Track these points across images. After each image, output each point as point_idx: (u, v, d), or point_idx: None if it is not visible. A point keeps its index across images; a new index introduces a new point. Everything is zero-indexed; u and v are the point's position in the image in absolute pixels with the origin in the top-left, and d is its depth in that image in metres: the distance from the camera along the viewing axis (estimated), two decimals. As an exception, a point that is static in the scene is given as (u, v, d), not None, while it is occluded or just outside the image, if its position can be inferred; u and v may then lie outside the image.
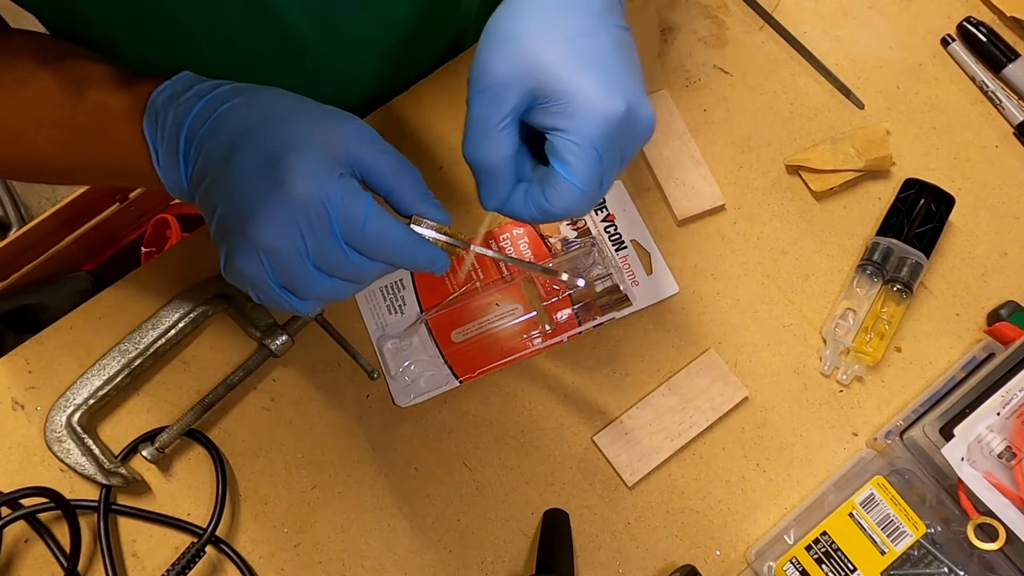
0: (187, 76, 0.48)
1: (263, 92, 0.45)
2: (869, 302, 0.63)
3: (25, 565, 0.57)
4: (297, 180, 0.40)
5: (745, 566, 0.57)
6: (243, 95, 0.45)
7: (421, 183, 0.46)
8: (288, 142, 0.41)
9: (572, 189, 0.44)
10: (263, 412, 0.61)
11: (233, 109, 0.44)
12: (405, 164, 0.45)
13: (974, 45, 0.72)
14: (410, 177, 0.45)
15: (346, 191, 0.41)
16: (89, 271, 1.19)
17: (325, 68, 0.63)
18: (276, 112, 0.43)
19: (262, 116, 0.43)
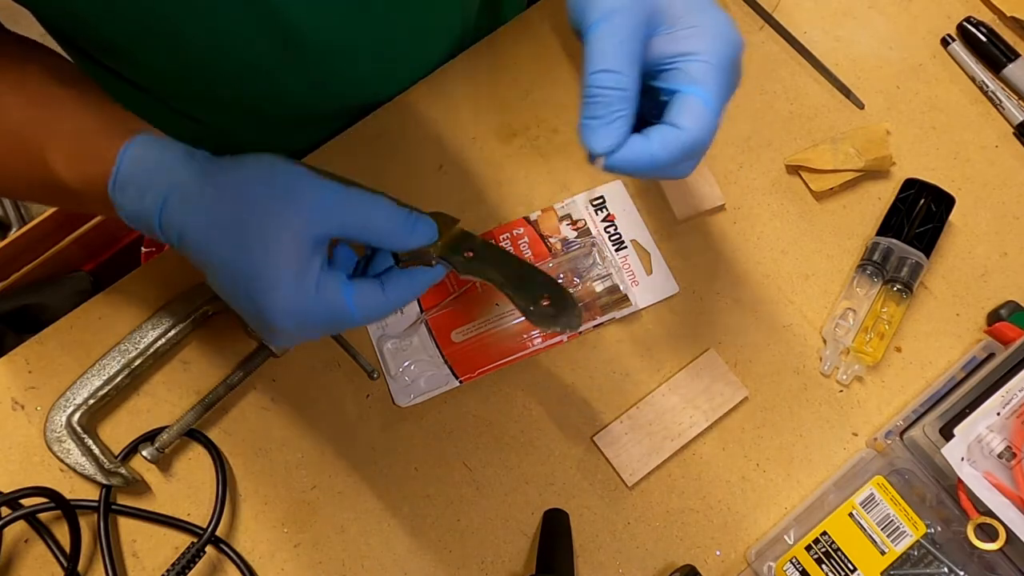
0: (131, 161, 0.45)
1: (213, 205, 0.43)
2: (869, 302, 0.63)
3: (25, 565, 0.57)
4: (278, 319, 0.43)
5: (745, 566, 0.57)
6: (190, 220, 0.43)
7: (392, 217, 0.45)
8: (257, 282, 0.42)
9: (706, 111, 0.44)
10: (263, 412, 0.61)
11: (191, 236, 0.43)
12: (368, 211, 0.44)
13: (974, 45, 0.72)
14: (379, 222, 0.44)
15: (323, 300, 0.43)
16: (89, 271, 1.19)
17: (325, 69, 0.63)
18: (235, 238, 0.43)
19: (223, 243, 0.43)
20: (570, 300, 0.49)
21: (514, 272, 0.49)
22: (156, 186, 0.44)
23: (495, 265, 0.49)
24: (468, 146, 0.68)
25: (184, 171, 0.44)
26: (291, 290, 0.42)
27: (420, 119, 0.69)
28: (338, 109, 0.69)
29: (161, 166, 0.44)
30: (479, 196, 0.67)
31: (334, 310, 0.43)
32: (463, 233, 0.49)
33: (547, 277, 0.50)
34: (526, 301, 0.49)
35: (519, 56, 0.71)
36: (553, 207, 0.66)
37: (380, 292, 0.45)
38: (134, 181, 0.44)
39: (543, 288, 0.49)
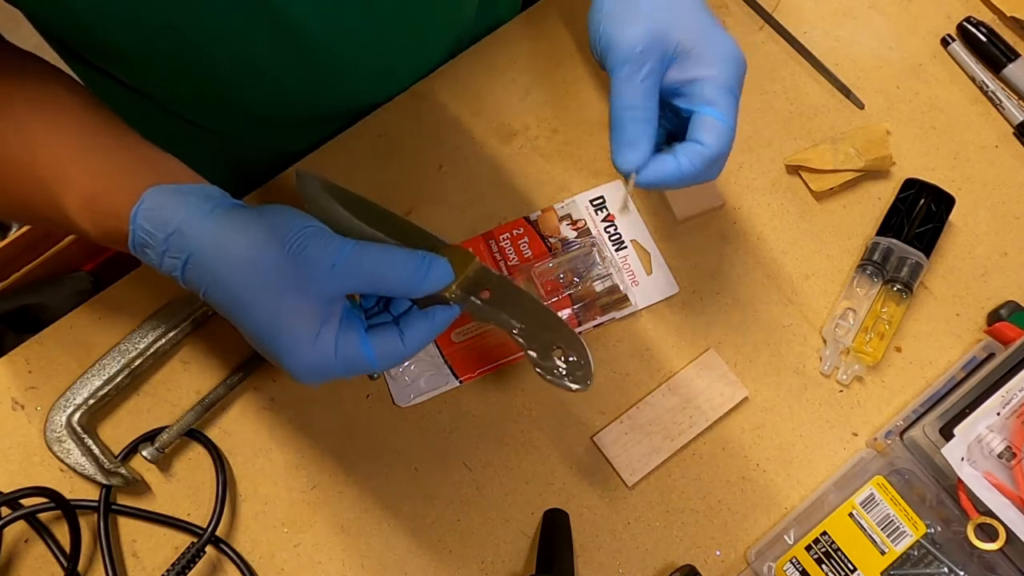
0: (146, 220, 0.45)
1: (229, 270, 0.44)
2: (869, 302, 0.63)
3: (25, 565, 0.57)
4: (300, 376, 0.45)
5: (745, 566, 0.57)
6: (209, 278, 0.44)
7: (406, 269, 0.46)
8: (275, 345, 0.44)
9: (723, 126, 0.51)
10: (263, 412, 0.61)
11: (212, 293, 0.45)
12: (381, 267, 0.45)
13: (974, 45, 0.72)
14: (393, 276, 0.45)
15: (342, 356, 0.44)
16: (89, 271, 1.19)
17: (326, 70, 0.63)
18: (251, 302, 0.44)
19: (240, 306, 0.44)
20: (584, 355, 0.48)
21: (529, 316, 0.48)
22: (173, 250, 0.44)
23: (511, 308, 0.48)
24: (468, 146, 0.68)
25: (195, 237, 0.44)
26: (308, 351, 0.44)
27: (420, 119, 0.69)
28: (337, 111, 0.69)
29: (173, 231, 0.44)
30: (479, 196, 0.67)
31: (355, 364, 0.45)
32: (480, 269, 0.49)
33: (564, 325, 0.49)
34: (538, 353, 0.48)
35: (519, 56, 0.71)
36: (553, 207, 0.66)
37: (399, 341, 0.46)
38: (151, 245, 0.45)
39: (558, 338, 0.48)
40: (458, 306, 0.48)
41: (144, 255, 0.46)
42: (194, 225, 0.44)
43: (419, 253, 0.46)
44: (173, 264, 0.45)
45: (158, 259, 0.45)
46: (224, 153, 0.71)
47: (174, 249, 0.44)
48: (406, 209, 0.66)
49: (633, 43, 0.51)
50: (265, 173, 0.68)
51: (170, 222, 0.44)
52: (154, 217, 0.45)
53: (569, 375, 0.48)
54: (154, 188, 0.46)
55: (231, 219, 0.45)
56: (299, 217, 0.45)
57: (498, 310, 0.48)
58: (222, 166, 0.66)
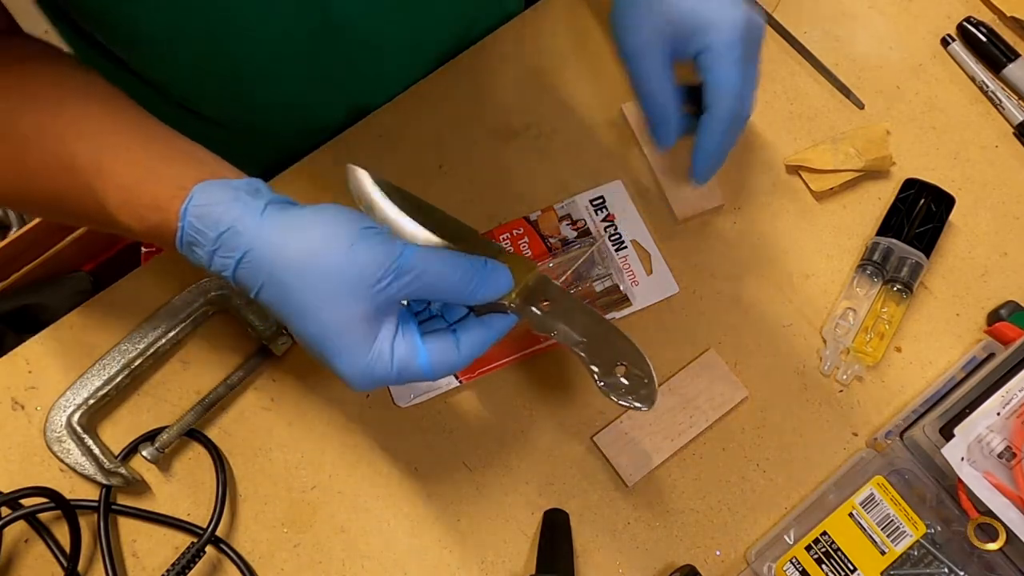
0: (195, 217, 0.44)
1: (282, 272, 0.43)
2: (869, 302, 0.63)
3: (25, 565, 0.57)
4: (352, 382, 0.44)
5: (745, 566, 0.57)
6: (264, 278, 0.43)
7: (464, 275, 0.45)
8: (327, 350, 0.43)
9: (722, 89, 0.53)
10: (263, 412, 0.61)
11: (265, 293, 0.44)
12: (439, 272, 0.44)
13: (974, 45, 0.72)
14: (451, 282, 0.44)
15: (397, 364, 0.44)
16: (89, 271, 1.19)
17: (355, 59, 0.64)
18: (304, 306, 0.43)
19: (293, 309, 0.43)
20: (649, 372, 0.47)
21: (591, 330, 0.47)
22: (225, 249, 0.43)
23: (572, 320, 0.47)
24: (468, 146, 0.68)
25: (251, 234, 0.43)
26: (363, 357, 0.43)
27: (420, 119, 0.69)
28: (354, 107, 0.69)
29: (227, 228, 0.43)
30: (479, 196, 0.67)
31: (408, 372, 0.44)
32: (540, 279, 0.47)
33: (627, 340, 0.48)
34: (600, 368, 0.47)
35: (520, 56, 0.71)
36: (553, 207, 0.66)
37: (455, 349, 0.45)
38: (200, 243, 0.44)
39: (621, 354, 0.47)
40: (516, 315, 0.47)
41: (192, 253, 0.44)
42: (248, 223, 0.43)
43: (479, 259, 0.45)
44: (224, 264, 0.43)
45: (207, 257, 0.44)
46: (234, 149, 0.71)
47: (226, 248, 0.43)
48: (406, 209, 0.66)
49: (639, 33, 0.54)
50: (272, 169, 0.68)
51: (222, 220, 0.43)
52: (205, 214, 0.43)
53: (632, 392, 0.47)
54: (203, 183, 0.44)
55: (287, 217, 0.44)
56: (357, 217, 0.44)
57: (559, 321, 0.47)
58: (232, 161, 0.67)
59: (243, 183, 0.45)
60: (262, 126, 0.70)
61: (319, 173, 0.67)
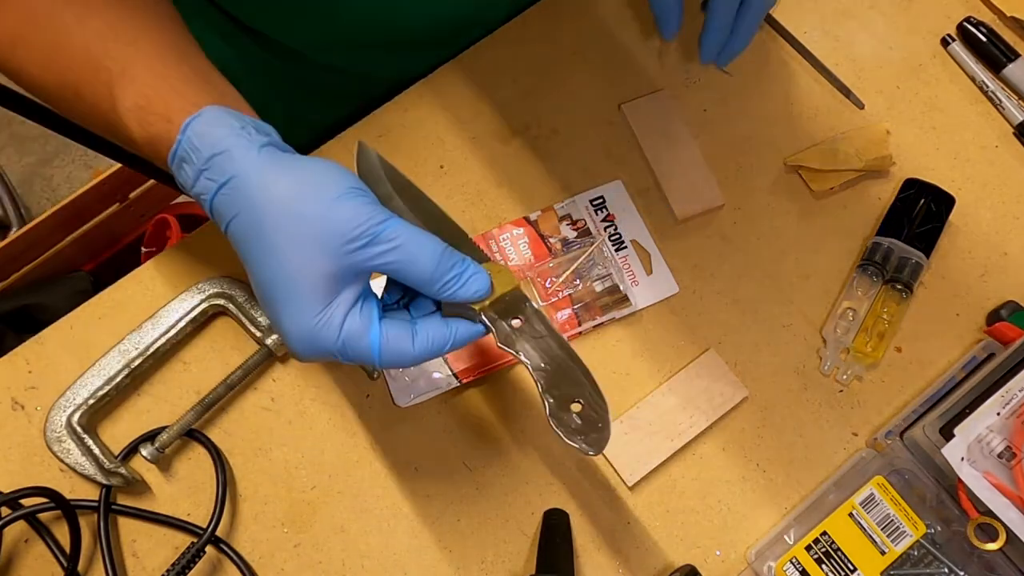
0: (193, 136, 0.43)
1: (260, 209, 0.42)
2: (869, 302, 0.63)
3: (25, 565, 0.57)
4: (290, 340, 0.43)
5: (745, 566, 0.57)
6: (241, 208, 0.42)
7: (440, 265, 0.44)
8: (278, 296, 0.42)
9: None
10: (263, 412, 0.61)
11: (237, 225, 0.43)
12: (415, 252, 0.43)
13: (974, 45, 0.72)
14: (424, 267, 0.43)
15: (346, 336, 0.42)
16: (89, 271, 1.19)
17: None
18: (270, 247, 0.42)
19: (258, 248, 0.42)
20: (605, 417, 0.46)
21: (556, 361, 0.46)
22: (213, 171, 0.42)
23: (539, 345, 0.46)
24: (468, 146, 0.68)
25: (243, 162, 0.42)
26: (312, 317, 0.42)
27: (420, 119, 0.69)
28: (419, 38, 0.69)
29: (221, 151, 0.42)
30: (479, 196, 0.67)
31: (354, 349, 0.43)
32: (518, 296, 0.46)
33: (591, 380, 0.46)
34: (554, 400, 0.46)
35: (520, 56, 0.71)
36: (553, 207, 0.66)
37: (409, 341, 0.44)
38: (191, 160, 0.43)
39: (580, 392, 0.46)
40: (483, 327, 0.46)
41: (180, 170, 0.44)
42: (243, 152, 0.42)
43: (463, 256, 0.44)
44: (207, 186, 0.42)
45: (194, 176, 0.43)
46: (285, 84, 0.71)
47: (215, 170, 0.42)
48: (406, 209, 0.66)
49: None
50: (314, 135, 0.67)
51: (220, 142, 0.42)
52: (206, 133, 0.43)
53: (582, 434, 0.45)
54: (216, 106, 0.44)
55: (282, 157, 0.43)
56: (350, 176, 0.43)
57: (525, 342, 0.46)
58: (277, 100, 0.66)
59: (255, 120, 0.45)
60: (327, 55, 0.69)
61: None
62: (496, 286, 0.45)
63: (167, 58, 0.47)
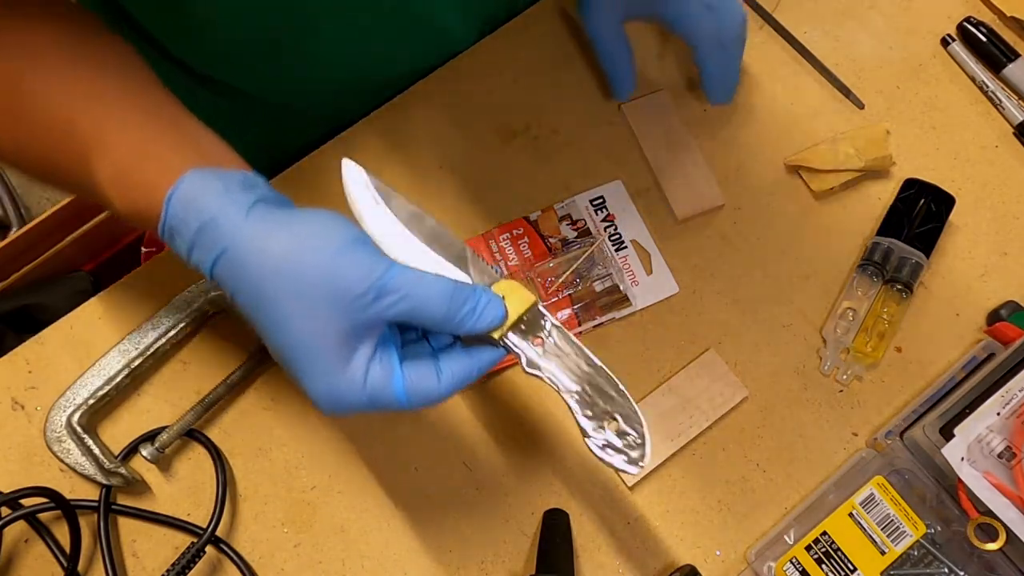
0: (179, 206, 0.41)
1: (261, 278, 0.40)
2: (869, 302, 0.63)
3: (25, 565, 0.57)
4: (319, 403, 0.42)
5: (745, 566, 0.57)
6: (241, 280, 0.41)
7: (453, 303, 0.42)
8: (297, 365, 0.41)
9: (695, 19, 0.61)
10: (263, 412, 0.61)
11: (241, 295, 0.41)
12: (425, 296, 0.41)
13: (974, 45, 0.72)
14: (437, 308, 0.42)
15: (370, 390, 0.41)
16: (89, 271, 1.19)
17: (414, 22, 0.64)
18: (279, 315, 0.41)
19: (267, 318, 0.41)
20: (642, 432, 0.44)
21: (585, 379, 0.44)
22: (203, 245, 0.41)
23: (566, 364, 0.44)
24: (468, 146, 0.68)
25: (232, 232, 0.40)
26: (334, 377, 0.41)
27: (420, 119, 0.69)
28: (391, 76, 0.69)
29: (208, 220, 0.41)
30: (479, 196, 0.67)
31: (382, 399, 0.42)
32: (536, 313, 0.44)
33: (623, 393, 0.44)
34: (590, 423, 0.44)
35: (519, 56, 0.71)
36: (553, 207, 0.66)
37: (435, 379, 0.43)
38: (181, 234, 0.41)
39: (612, 406, 0.44)
40: (505, 350, 0.44)
41: (173, 243, 0.42)
42: (231, 218, 0.40)
43: (472, 288, 0.43)
44: (201, 259, 0.41)
45: (187, 250, 0.42)
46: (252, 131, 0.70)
47: (206, 242, 0.41)
48: (406, 209, 0.66)
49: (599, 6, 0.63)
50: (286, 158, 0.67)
51: (205, 210, 0.40)
52: (189, 203, 0.41)
53: (623, 453, 0.44)
54: (193, 170, 0.41)
55: (273, 217, 0.41)
56: (346, 226, 0.42)
57: (551, 363, 0.44)
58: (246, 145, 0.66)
59: (238, 175, 0.43)
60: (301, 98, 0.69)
61: (323, 169, 0.67)
62: (512, 307, 0.44)
63: (140, 119, 0.44)
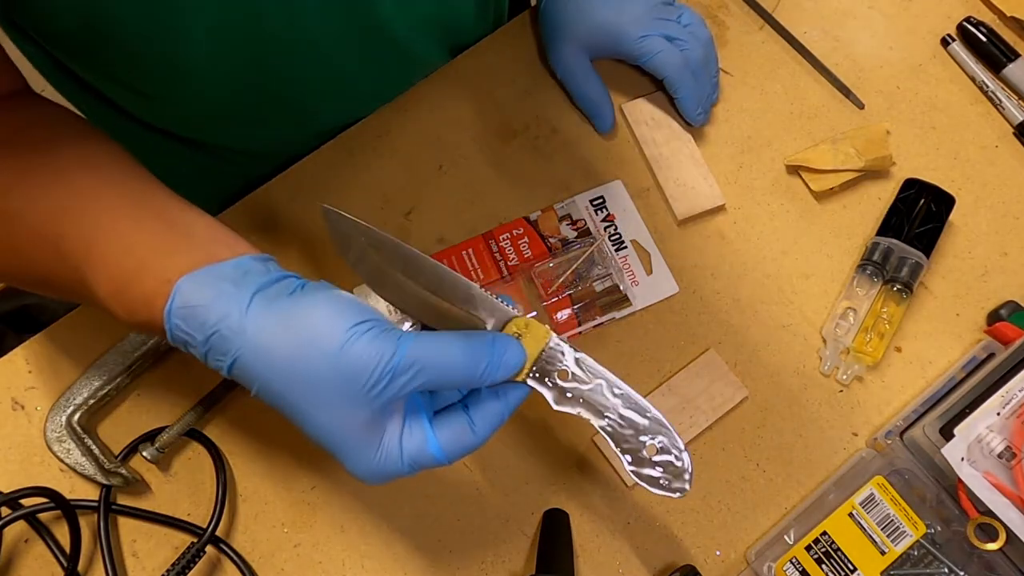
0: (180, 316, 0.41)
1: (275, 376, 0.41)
2: (869, 302, 0.63)
3: (25, 565, 0.57)
4: (365, 480, 0.42)
5: (745, 566, 0.57)
6: (257, 383, 0.41)
7: (471, 361, 0.42)
8: (335, 450, 0.42)
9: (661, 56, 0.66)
10: (263, 412, 0.60)
11: (263, 396, 0.42)
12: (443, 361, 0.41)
13: (974, 45, 0.72)
14: (457, 371, 0.42)
15: (408, 457, 0.42)
16: (89, 271, 1.18)
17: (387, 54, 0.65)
18: (304, 410, 0.41)
19: (295, 412, 0.41)
20: (680, 452, 0.43)
21: (614, 411, 0.43)
22: (214, 352, 0.41)
23: (591, 396, 0.43)
24: (468, 146, 0.68)
25: (238, 336, 0.40)
26: (371, 458, 0.41)
27: (420, 119, 0.69)
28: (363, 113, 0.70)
29: (213, 332, 0.41)
30: (479, 196, 0.67)
31: (422, 463, 0.42)
32: (554, 347, 0.44)
33: (655, 415, 0.43)
34: (629, 455, 0.43)
35: (519, 56, 0.71)
36: (553, 207, 0.66)
37: (469, 431, 0.43)
38: (191, 344, 0.42)
39: (647, 429, 0.43)
40: (530, 387, 0.44)
41: (187, 350, 0.42)
42: (233, 326, 0.40)
43: (486, 337, 0.42)
44: (218, 366, 0.42)
45: (203, 358, 0.42)
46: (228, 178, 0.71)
47: (216, 352, 0.41)
48: (406, 209, 0.66)
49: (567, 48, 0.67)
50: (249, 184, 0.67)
51: (207, 321, 0.40)
52: (190, 315, 0.41)
53: (665, 478, 0.43)
54: (186, 278, 0.41)
55: (273, 316, 0.41)
56: (347, 311, 0.41)
57: (578, 398, 0.43)
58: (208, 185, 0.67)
59: (230, 268, 0.42)
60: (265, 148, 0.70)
61: (324, 168, 0.67)
62: (529, 345, 0.43)
63: (129, 225, 0.44)
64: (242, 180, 0.69)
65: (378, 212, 0.66)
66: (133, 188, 0.46)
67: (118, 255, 0.43)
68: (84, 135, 0.48)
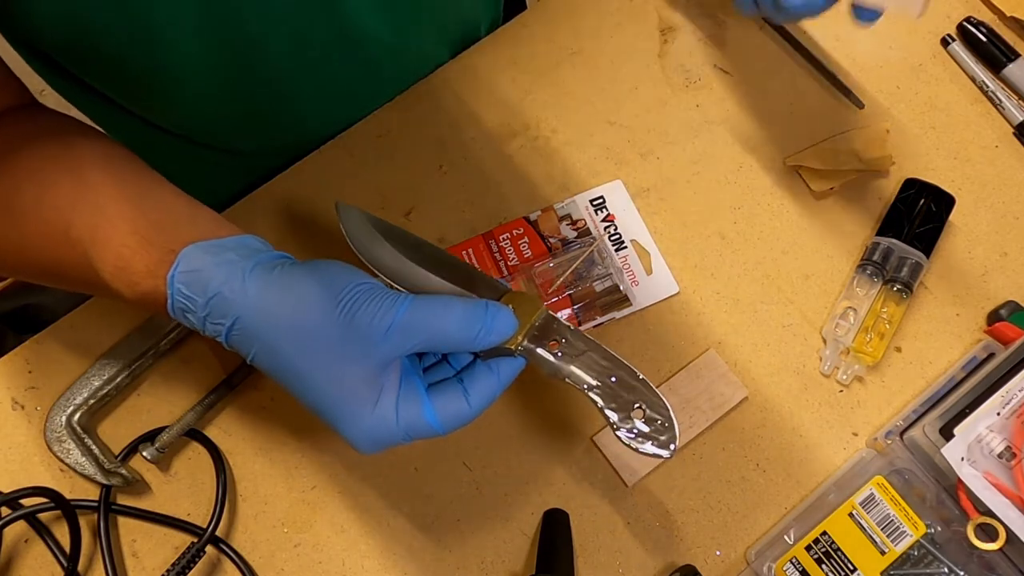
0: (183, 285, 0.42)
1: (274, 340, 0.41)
2: (869, 302, 0.63)
3: (25, 565, 0.57)
4: (359, 446, 0.43)
5: (745, 566, 0.57)
6: (256, 345, 0.42)
7: (466, 323, 0.43)
8: (329, 415, 0.42)
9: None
10: (263, 412, 0.61)
11: (260, 359, 0.42)
12: (439, 323, 0.42)
13: (974, 45, 0.72)
14: (452, 332, 0.43)
15: (403, 423, 0.42)
16: (89, 271, 1.18)
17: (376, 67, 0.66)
18: (301, 373, 0.42)
19: (290, 377, 0.42)
20: (668, 415, 0.45)
21: (605, 372, 0.45)
22: (215, 316, 0.42)
23: (584, 362, 0.45)
24: (468, 146, 0.68)
25: (238, 301, 0.41)
26: (367, 421, 0.42)
27: (420, 119, 0.69)
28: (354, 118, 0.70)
29: (214, 295, 0.42)
30: (479, 196, 0.67)
31: (417, 430, 0.43)
32: (546, 318, 0.46)
33: (643, 381, 0.45)
34: (616, 414, 0.45)
35: (519, 56, 0.71)
36: (553, 207, 0.66)
37: (464, 401, 0.44)
38: (191, 310, 0.42)
39: (636, 395, 0.45)
40: (523, 359, 0.45)
41: (185, 320, 0.43)
42: (235, 288, 0.41)
43: (479, 303, 0.44)
44: (216, 330, 0.42)
45: (200, 324, 0.43)
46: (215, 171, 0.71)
47: (216, 314, 0.42)
48: (406, 209, 0.66)
49: None
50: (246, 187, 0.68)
51: (210, 285, 0.42)
52: (192, 280, 0.42)
53: (652, 439, 0.45)
54: (190, 247, 0.43)
55: (275, 278, 0.42)
56: (348, 273, 0.42)
57: (570, 364, 0.45)
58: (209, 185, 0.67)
59: (233, 242, 0.44)
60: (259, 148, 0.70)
61: (324, 168, 0.67)
62: (522, 316, 0.45)
63: (130, 210, 0.45)
64: (243, 179, 0.69)
65: (378, 212, 0.66)
66: (139, 180, 0.48)
67: (123, 235, 0.44)
68: (91, 138, 0.50)
